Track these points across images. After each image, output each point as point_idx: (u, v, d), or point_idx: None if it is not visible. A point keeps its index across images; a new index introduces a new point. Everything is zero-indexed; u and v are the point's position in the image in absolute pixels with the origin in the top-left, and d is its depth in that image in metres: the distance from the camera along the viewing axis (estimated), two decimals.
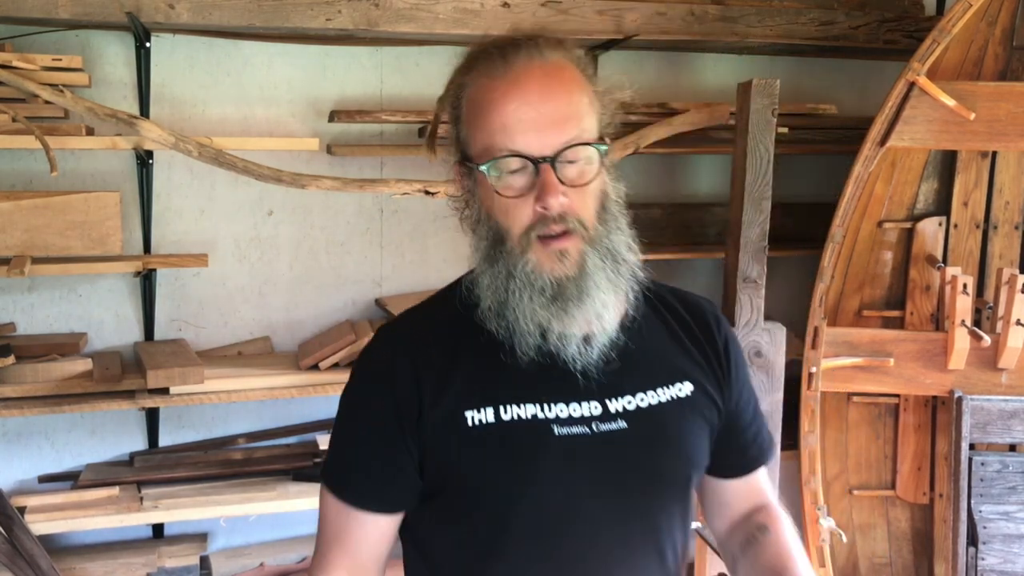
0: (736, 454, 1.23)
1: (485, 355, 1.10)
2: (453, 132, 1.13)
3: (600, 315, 1.07)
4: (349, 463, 1.14)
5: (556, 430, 1.07)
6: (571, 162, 1.05)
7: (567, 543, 1.09)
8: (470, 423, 1.07)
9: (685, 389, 1.15)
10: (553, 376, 1.09)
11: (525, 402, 1.08)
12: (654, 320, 1.18)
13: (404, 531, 1.19)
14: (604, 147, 1.08)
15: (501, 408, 1.07)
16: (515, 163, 1.04)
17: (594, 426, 1.08)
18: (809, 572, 1.14)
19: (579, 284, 1.06)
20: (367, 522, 1.13)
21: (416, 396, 1.09)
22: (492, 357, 1.09)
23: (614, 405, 1.10)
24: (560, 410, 1.08)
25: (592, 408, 1.09)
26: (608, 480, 1.09)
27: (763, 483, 1.28)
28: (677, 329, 1.19)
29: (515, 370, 1.08)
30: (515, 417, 1.07)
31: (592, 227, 1.07)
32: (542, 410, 1.07)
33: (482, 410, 1.07)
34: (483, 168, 1.05)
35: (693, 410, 1.14)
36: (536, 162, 1.03)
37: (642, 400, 1.12)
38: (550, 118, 1.04)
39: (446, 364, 1.10)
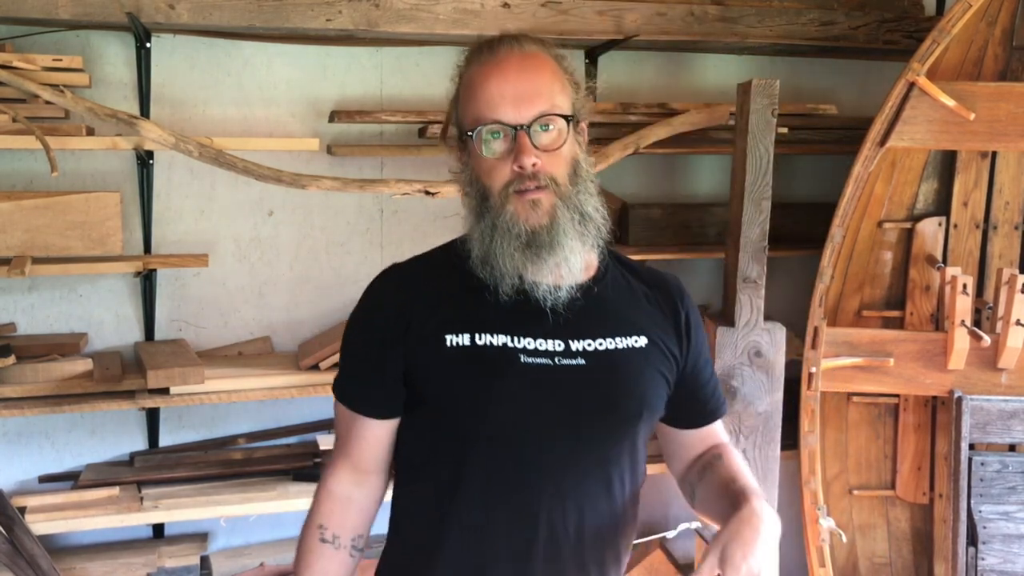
0: (696, 408, 1.43)
1: (469, 293, 1.29)
2: (454, 116, 1.34)
3: (568, 260, 1.25)
4: (348, 373, 1.37)
5: (522, 358, 1.25)
6: (544, 129, 1.25)
7: (523, 457, 1.26)
8: (448, 344, 1.26)
9: (641, 341, 1.32)
10: (525, 314, 1.27)
11: (498, 333, 1.26)
12: (620, 281, 1.37)
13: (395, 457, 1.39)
14: (572, 117, 1.28)
15: (477, 335, 1.26)
16: (497, 130, 1.24)
17: (556, 360, 1.26)
18: (753, 482, 1.30)
19: (550, 232, 1.24)
20: (363, 425, 1.34)
21: (404, 317, 1.29)
22: (475, 296, 1.28)
23: (576, 345, 1.28)
24: (528, 343, 1.26)
25: (556, 345, 1.27)
26: (563, 407, 1.26)
27: (719, 431, 1.47)
28: (639, 292, 1.38)
29: (493, 307, 1.27)
30: (488, 343, 1.25)
31: (564, 185, 1.26)
32: (512, 340, 1.26)
33: (460, 335, 1.26)
34: (471, 134, 1.26)
35: (647, 360, 1.32)
36: (514, 128, 1.23)
37: (600, 344, 1.29)
38: (525, 93, 1.24)
39: (433, 296, 1.30)
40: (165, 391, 2.42)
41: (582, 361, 1.27)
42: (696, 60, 3.09)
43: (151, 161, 2.63)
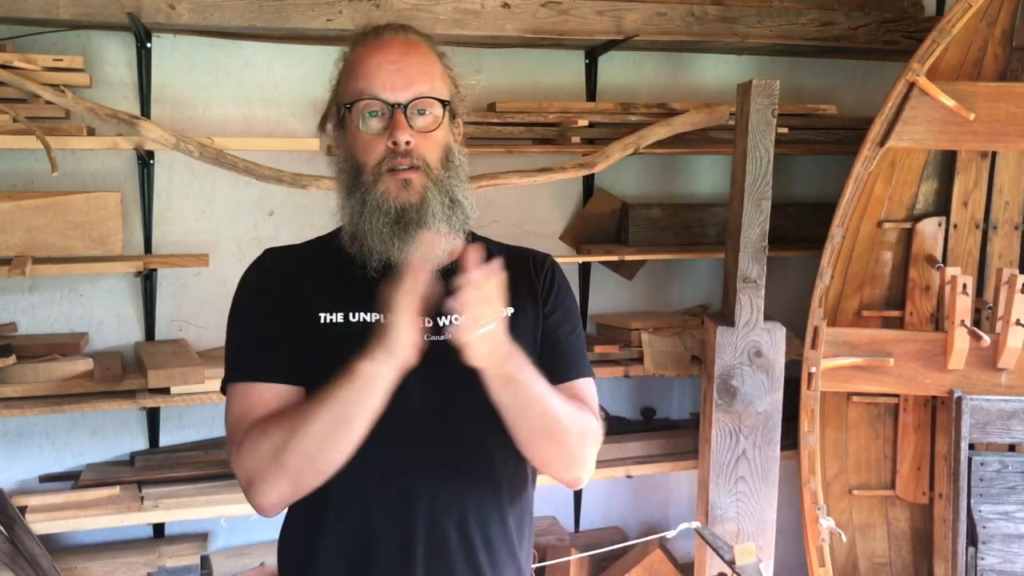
0: (550, 364, 1.36)
1: (342, 271, 1.32)
2: (334, 96, 1.37)
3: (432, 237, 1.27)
4: (242, 350, 1.35)
5: None
6: (420, 113, 1.28)
7: (397, 427, 1.25)
8: (323, 321, 1.30)
9: (505, 312, 1.29)
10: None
11: (371, 311, 1.29)
12: (484, 261, 1.33)
13: None
14: (448, 103, 1.31)
15: (350, 313, 1.30)
16: (375, 105, 1.27)
17: (425, 336, 1.24)
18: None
19: (419, 211, 1.27)
20: (265, 390, 1.29)
21: (284, 293, 1.32)
22: (348, 273, 1.31)
23: (443, 321, 1.30)
24: None
25: (424, 322, 1.25)
26: (432, 378, 1.26)
27: (580, 394, 1.40)
28: (505, 273, 1.36)
29: (364, 284, 1.29)
30: (360, 320, 1.29)
31: (435, 168, 1.29)
32: (383, 318, 1.23)
33: (334, 313, 1.30)
34: (348, 107, 1.29)
35: (512, 329, 1.27)
36: (391, 106, 1.27)
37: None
38: (405, 74, 1.28)
39: (309, 276, 1.34)
40: (165, 391, 2.43)
41: (449, 336, 1.25)
42: (696, 60, 3.09)
43: (152, 161, 2.63)
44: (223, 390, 1.37)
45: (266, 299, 1.34)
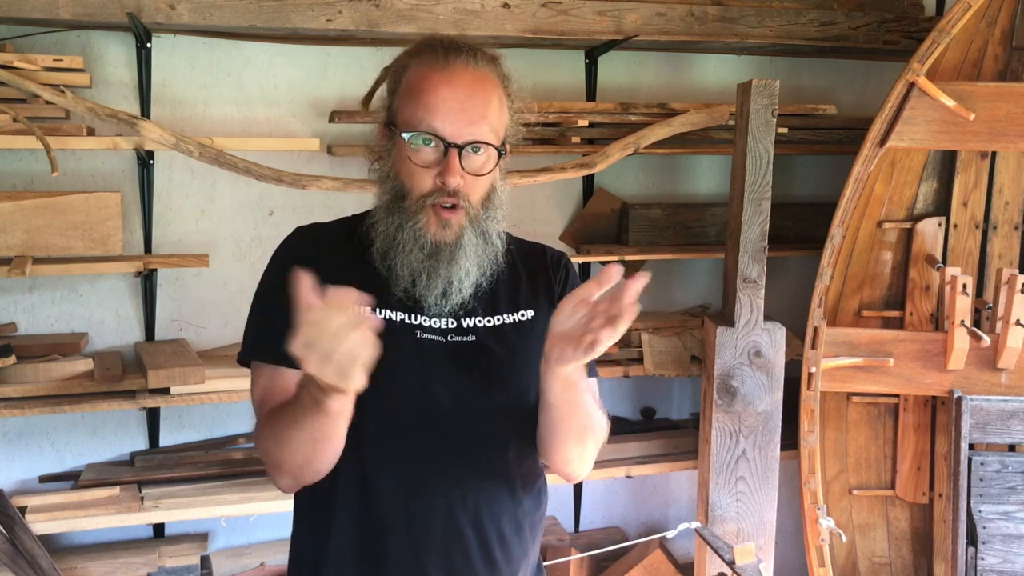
0: None
1: (371, 269, 1.31)
2: (388, 100, 1.35)
3: (461, 280, 1.30)
4: (268, 326, 1.29)
5: (419, 334, 1.30)
6: (475, 152, 1.28)
7: (421, 424, 1.28)
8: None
9: (528, 315, 1.38)
10: (420, 296, 1.31)
11: (397, 310, 1.30)
12: (507, 272, 1.39)
13: None
14: (503, 151, 1.33)
15: (379, 309, 1.29)
16: (431, 140, 1.26)
17: (449, 336, 1.31)
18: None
19: (452, 251, 1.29)
20: (288, 376, 1.25)
21: (320, 277, 1.26)
22: (377, 272, 1.31)
23: (467, 323, 1.33)
24: (424, 321, 1.31)
25: (448, 323, 1.32)
26: (456, 378, 1.30)
27: (592, 394, 1.42)
28: (523, 270, 1.43)
29: (392, 282, 1.30)
30: (389, 317, 1.29)
31: (476, 209, 1.30)
32: (409, 318, 1.30)
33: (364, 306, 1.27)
34: (405, 136, 1.27)
35: (533, 331, 1.35)
36: (448, 145, 1.26)
37: (489, 321, 1.35)
38: (468, 114, 1.27)
39: (342, 264, 1.31)
40: (165, 391, 2.43)
41: (473, 337, 1.32)
42: (696, 60, 3.09)
43: (151, 161, 2.63)
44: (245, 362, 1.36)
45: (291, 281, 1.30)
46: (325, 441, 1.18)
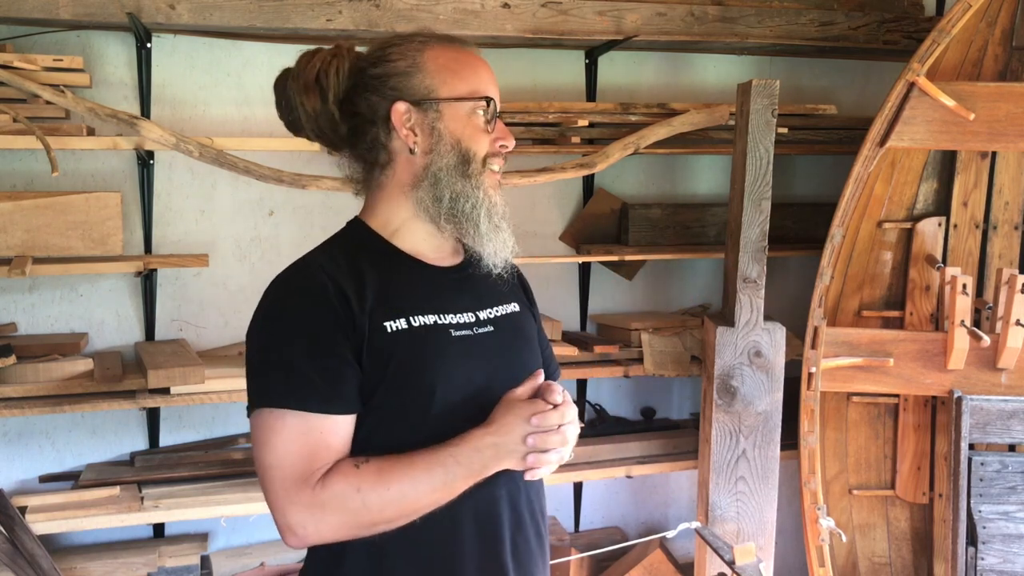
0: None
1: (385, 279, 1.33)
2: (404, 83, 1.35)
3: (508, 239, 1.39)
4: (306, 376, 1.23)
5: (452, 333, 1.34)
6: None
7: (474, 413, 1.32)
8: (389, 331, 1.28)
9: (515, 307, 1.47)
10: (436, 294, 1.36)
11: (426, 313, 1.33)
12: (476, 257, 1.44)
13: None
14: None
15: (411, 318, 1.31)
16: (489, 107, 1.36)
17: (474, 329, 1.36)
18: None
19: (503, 212, 1.39)
20: (332, 429, 1.24)
21: (346, 309, 1.27)
22: (390, 281, 1.33)
23: (482, 315, 1.39)
24: (451, 318, 1.35)
25: (469, 317, 1.37)
26: (491, 368, 1.36)
27: None
28: (489, 268, 1.47)
29: (409, 289, 1.34)
30: (422, 324, 1.32)
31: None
32: (440, 318, 1.34)
33: (396, 320, 1.30)
34: (474, 102, 1.35)
35: (524, 321, 1.48)
36: (496, 114, 1.38)
37: (496, 311, 1.42)
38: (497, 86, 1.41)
39: (358, 286, 1.30)
40: (165, 391, 2.43)
41: (491, 328, 1.39)
42: (696, 60, 3.09)
43: (152, 161, 2.63)
44: (255, 409, 1.26)
45: (323, 320, 1.25)
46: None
